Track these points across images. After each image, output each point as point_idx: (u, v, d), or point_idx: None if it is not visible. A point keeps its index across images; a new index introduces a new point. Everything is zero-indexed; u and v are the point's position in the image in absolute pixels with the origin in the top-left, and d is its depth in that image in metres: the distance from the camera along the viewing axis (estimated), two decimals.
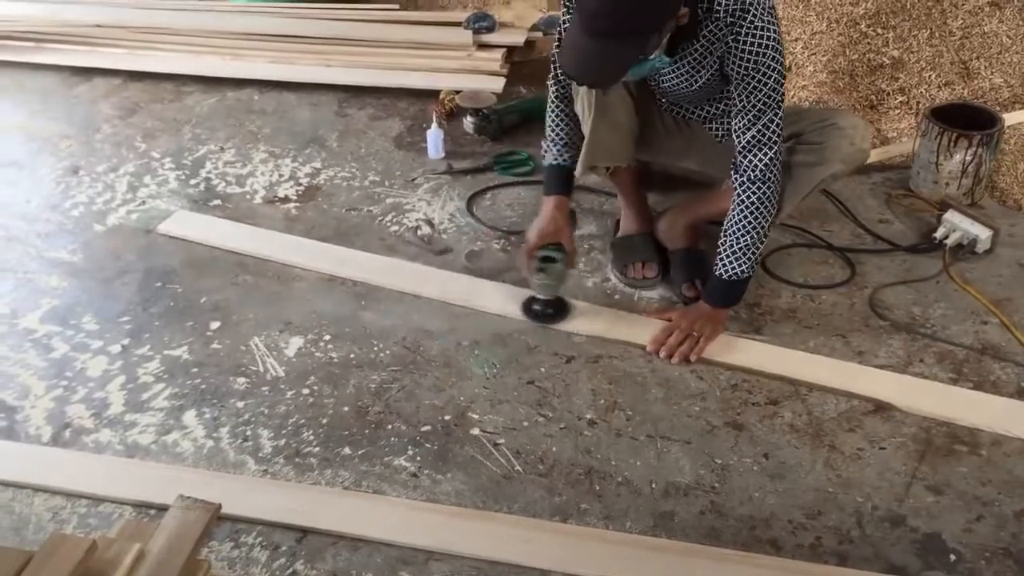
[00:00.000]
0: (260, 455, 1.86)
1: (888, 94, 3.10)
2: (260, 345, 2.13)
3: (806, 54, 3.22)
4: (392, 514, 1.73)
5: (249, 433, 1.91)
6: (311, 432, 1.91)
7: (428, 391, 2.01)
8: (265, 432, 1.91)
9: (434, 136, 2.83)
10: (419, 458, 1.85)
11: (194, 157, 2.86)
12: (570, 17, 1.89)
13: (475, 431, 1.91)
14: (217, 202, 2.64)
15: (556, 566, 1.63)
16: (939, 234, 2.43)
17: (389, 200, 2.66)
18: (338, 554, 1.65)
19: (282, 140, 2.95)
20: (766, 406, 1.98)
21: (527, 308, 2.22)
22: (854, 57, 3.20)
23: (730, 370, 2.06)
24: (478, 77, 3.17)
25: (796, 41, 3.26)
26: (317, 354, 2.11)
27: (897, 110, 3.05)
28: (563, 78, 2.13)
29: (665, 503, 1.76)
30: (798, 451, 1.87)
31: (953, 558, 1.66)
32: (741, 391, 2.02)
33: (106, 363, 2.08)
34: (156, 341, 2.14)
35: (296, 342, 2.14)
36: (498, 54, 3.26)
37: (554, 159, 2.21)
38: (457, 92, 3.04)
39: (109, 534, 1.45)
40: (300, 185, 2.73)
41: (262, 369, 2.07)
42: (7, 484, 1.78)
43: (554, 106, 2.19)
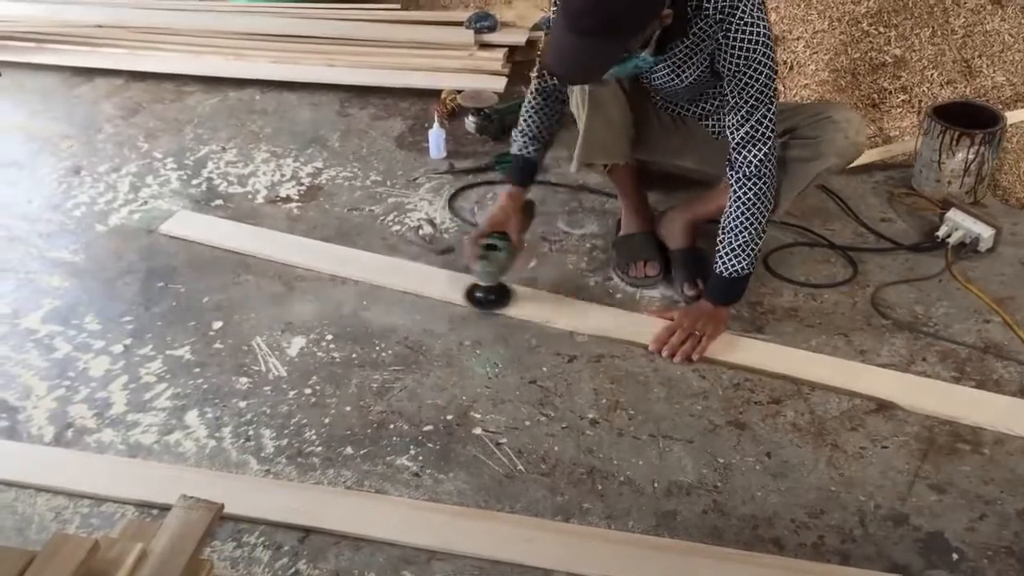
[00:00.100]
0: (262, 455, 1.86)
1: (890, 93, 3.10)
2: (262, 345, 2.13)
3: (808, 53, 3.22)
4: (394, 514, 1.73)
5: (251, 433, 1.91)
6: (313, 432, 1.91)
7: (430, 391, 2.01)
8: (267, 432, 1.91)
9: (436, 136, 2.83)
10: (421, 458, 1.85)
11: (196, 157, 2.86)
12: (556, 14, 1.90)
13: (477, 431, 1.91)
14: (219, 202, 2.65)
15: (558, 565, 1.63)
16: (941, 233, 2.43)
17: (391, 200, 2.66)
18: (340, 554, 1.65)
19: (284, 140, 2.95)
20: (768, 405, 1.98)
21: (469, 295, 2.24)
22: (856, 56, 3.19)
23: (732, 369, 2.06)
24: (480, 77, 3.18)
25: (798, 40, 3.25)
26: (319, 354, 2.11)
27: (899, 109, 3.05)
28: (547, 73, 2.15)
29: (667, 502, 1.76)
30: (800, 450, 1.87)
31: (956, 557, 1.66)
32: (743, 390, 2.01)
33: (108, 363, 2.08)
34: (158, 341, 2.14)
35: (298, 342, 2.14)
36: (500, 54, 3.26)
37: (518, 149, 2.23)
38: (459, 92, 3.04)
39: (111, 534, 1.45)
40: (302, 185, 2.73)
41: (264, 369, 2.07)
42: (10, 484, 1.78)
43: (531, 98, 2.21)
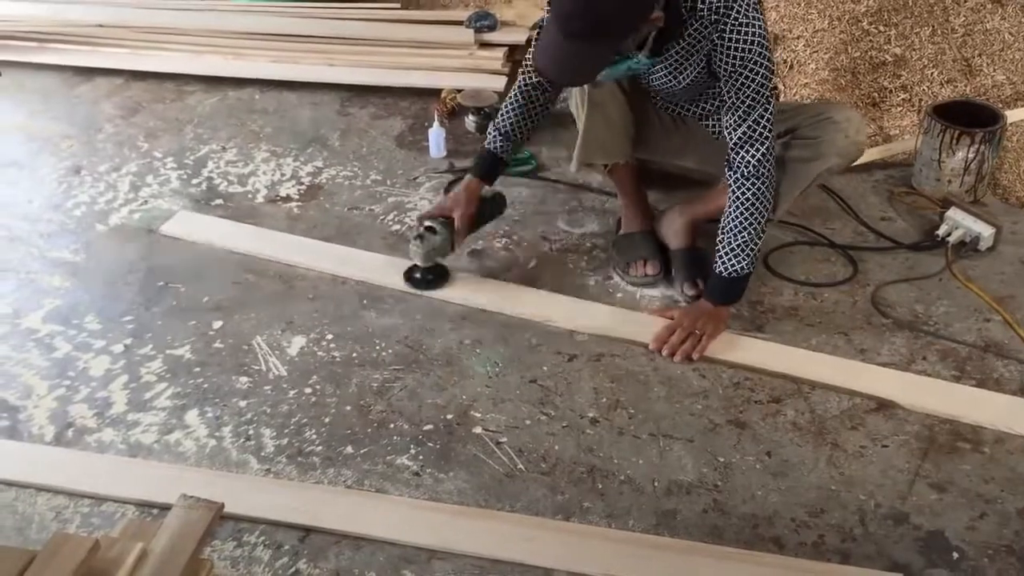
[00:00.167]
0: (262, 454, 1.86)
1: (890, 91, 3.10)
2: (262, 344, 2.13)
3: (808, 52, 3.22)
4: (395, 513, 1.73)
5: (251, 432, 1.91)
6: (313, 431, 1.91)
7: (430, 390, 2.01)
8: (267, 431, 1.91)
9: (436, 135, 2.83)
10: (421, 457, 1.85)
11: (196, 157, 2.86)
12: (548, 17, 1.91)
13: (477, 430, 1.91)
14: (219, 201, 2.65)
15: (559, 564, 1.63)
16: (941, 232, 2.42)
17: (391, 199, 2.66)
18: (341, 553, 1.65)
19: (284, 139, 2.95)
20: (768, 404, 1.98)
21: (408, 275, 2.30)
22: (856, 55, 3.19)
23: (732, 368, 2.06)
24: (480, 76, 3.18)
25: (798, 39, 3.25)
26: (319, 353, 2.11)
27: (899, 107, 3.05)
28: (533, 72, 2.16)
29: (667, 501, 1.76)
30: (801, 449, 1.87)
31: (956, 556, 1.66)
32: (743, 389, 2.01)
33: (108, 363, 2.08)
34: (158, 340, 2.14)
35: (298, 341, 2.14)
36: (500, 53, 3.26)
37: (489, 143, 2.26)
38: (459, 91, 3.04)
39: (112, 533, 1.45)
40: (302, 184, 2.73)
41: (264, 368, 2.07)
42: (10, 484, 1.78)
43: (513, 95, 2.22)
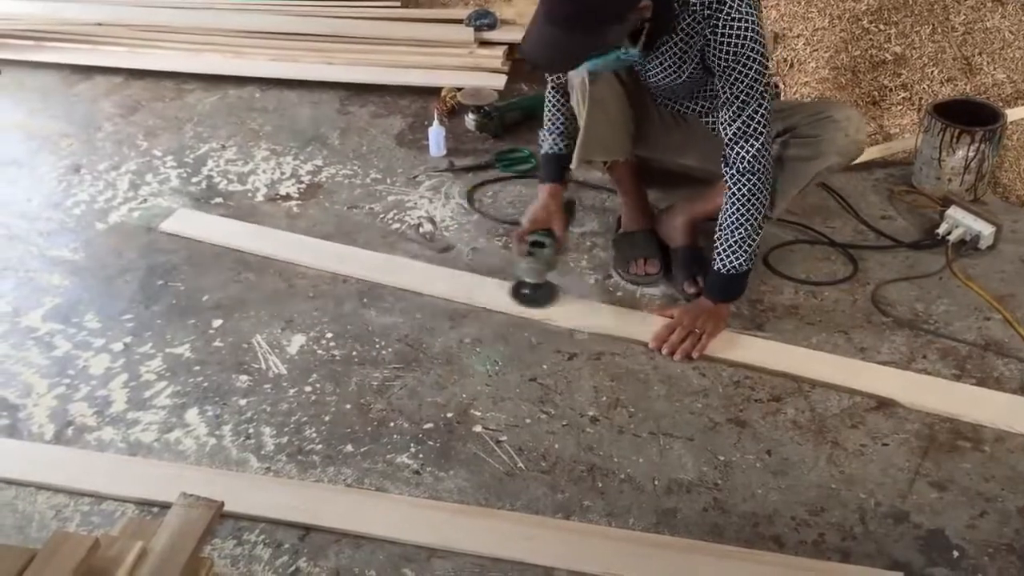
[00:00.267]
0: (262, 453, 1.86)
1: (890, 90, 3.09)
2: (262, 343, 2.13)
3: (808, 50, 3.21)
4: (395, 511, 1.73)
5: (251, 431, 1.90)
6: (313, 430, 1.91)
7: (430, 388, 2.01)
8: (267, 430, 1.91)
9: (436, 133, 2.83)
10: (421, 455, 1.85)
11: (196, 155, 2.86)
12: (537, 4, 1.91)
13: (477, 428, 1.91)
14: (219, 200, 2.64)
15: (559, 563, 1.63)
16: (942, 230, 2.42)
17: (391, 198, 2.66)
18: (341, 552, 1.65)
19: (284, 138, 2.95)
20: (769, 403, 1.98)
21: (515, 292, 2.24)
22: (856, 53, 3.19)
23: (732, 367, 2.06)
24: (479, 74, 3.17)
25: (798, 37, 3.25)
26: (319, 352, 2.11)
27: (899, 106, 3.04)
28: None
29: (668, 500, 1.76)
30: (801, 448, 1.87)
31: (956, 554, 1.66)
32: (744, 388, 2.01)
33: (108, 361, 2.08)
34: (158, 339, 2.14)
35: (298, 340, 2.14)
36: (499, 51, 3.26)
37: (549, 148, 2.25)
38: (459, 89, 3.03)
39: (112, 532, 1.45)
40: (302, 183, 2.73)
41: (264, 367, 2.07)
42: (10, 482, 1.78)
43: (551, 96, 2.24)
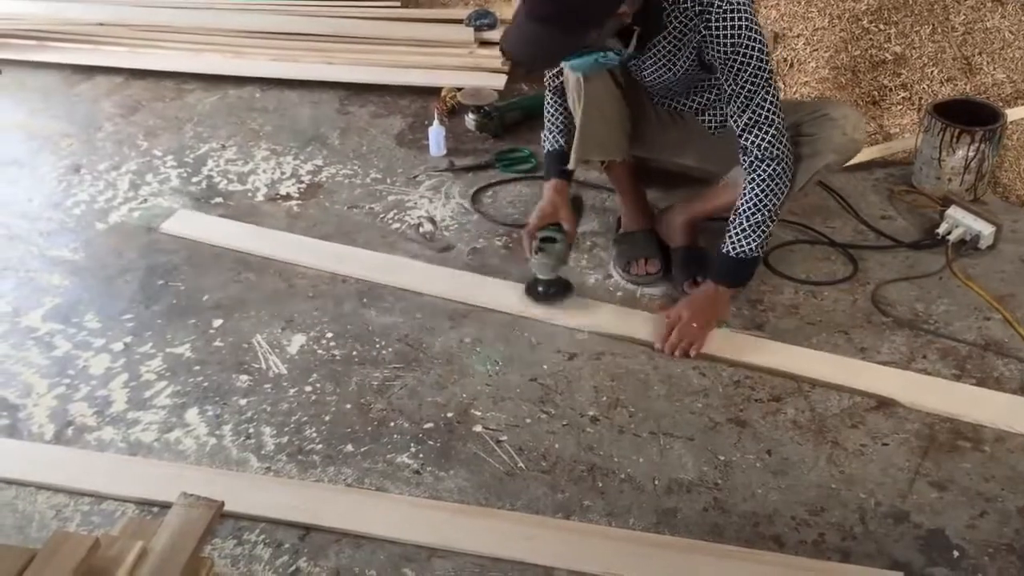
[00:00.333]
0: (263, 452, 1.86)
1: (890, 90, 3.09)
2: (262, 343, 2.13)
3: (808, 50, 3.22)
4: (395, 511, 1.73)
5: (252, 431, 1.91)
6: (314, 429, 1.91)
7: (430, 388, 2.01)
8: (267, 430, 1.91)
9: (436, 133, 2.83)
10: (422, 455, 1.85)
11: (196, 155, 2.86)
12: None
13: (478, 428, 1.91)
14: (219, 200, 2.64)
15: (559, 563, 1.63)
16: (942, 230, 2.42)
17: (391, 197, 2.66)
18: (341, 551, 1.65)
19: (284, 138, 2.95)
20: (769, 403, 1.98)
21: (531, 290, 2.23)
22: (856, 53, 3.19)
23: (733, 367, 2.06)
24: (479, 74, 3.17)
25: (798, 37, 3.25)
26: (319, 352, 2.11)
27: (899, 106, 3.04)
28: (553, 76, 2.20)
29: (668, 500, 1.76)
30: (801, 447, 1.87)
31: (956, 554, 1.66)
32: (744, 388, 2.01)
33: (108, 361, 2.08)
34: (158, 339, 2.14)
35: (298, 340, 2.14)
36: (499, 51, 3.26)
37: (551, 145, 2.26)
38: (459, 89, 3.03)
39: (112, 532, 1.45)
40: (302, 183, 2.73)
41: (264, 367, 2.07)
42: (10, 482, 1.78)
43: (549, 98, 2.26)
